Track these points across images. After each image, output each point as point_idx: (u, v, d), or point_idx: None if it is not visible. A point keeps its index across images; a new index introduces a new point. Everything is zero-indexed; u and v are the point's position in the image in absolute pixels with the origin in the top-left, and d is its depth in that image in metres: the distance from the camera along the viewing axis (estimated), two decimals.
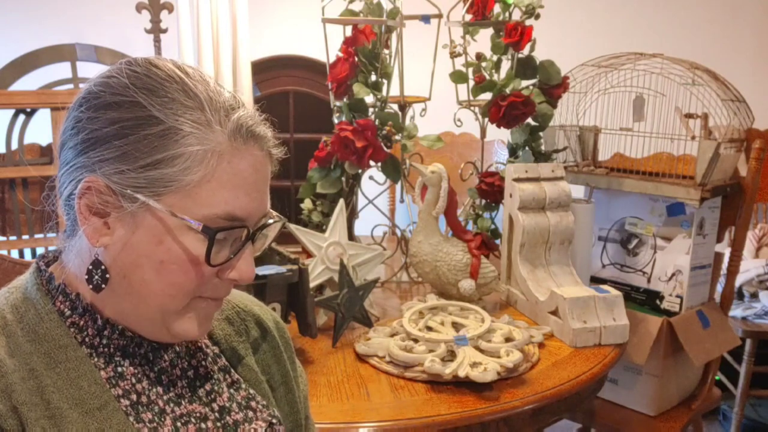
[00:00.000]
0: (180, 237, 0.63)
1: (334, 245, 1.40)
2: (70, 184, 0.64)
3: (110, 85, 0.63)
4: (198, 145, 0.62)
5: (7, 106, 2.34)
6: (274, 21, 2.74)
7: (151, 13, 2.24)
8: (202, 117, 0.63)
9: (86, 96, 0.64)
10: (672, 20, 2.81)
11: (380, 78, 1.60)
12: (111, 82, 0.63)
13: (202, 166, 0.62)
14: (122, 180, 0.62)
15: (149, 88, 0.62)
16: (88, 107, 0.63)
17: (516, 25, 1.59)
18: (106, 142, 0.62)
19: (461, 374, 1.10)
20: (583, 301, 1.32)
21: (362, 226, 1.77)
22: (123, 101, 0.62)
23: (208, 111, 0.63)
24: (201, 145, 0.62)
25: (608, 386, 1.63)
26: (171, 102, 0.62)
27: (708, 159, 1.48)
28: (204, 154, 0.62)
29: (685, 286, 1.58)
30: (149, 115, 0.61)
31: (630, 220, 1.66)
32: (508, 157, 1.72)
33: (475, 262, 1.46)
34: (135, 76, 0.63)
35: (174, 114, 0.62)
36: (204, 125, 0.63)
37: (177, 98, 0.63)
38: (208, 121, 0.63)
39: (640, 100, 1.59)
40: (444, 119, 1.83)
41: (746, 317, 2.18)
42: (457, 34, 1.72)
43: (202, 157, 0.62)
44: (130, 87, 0.62)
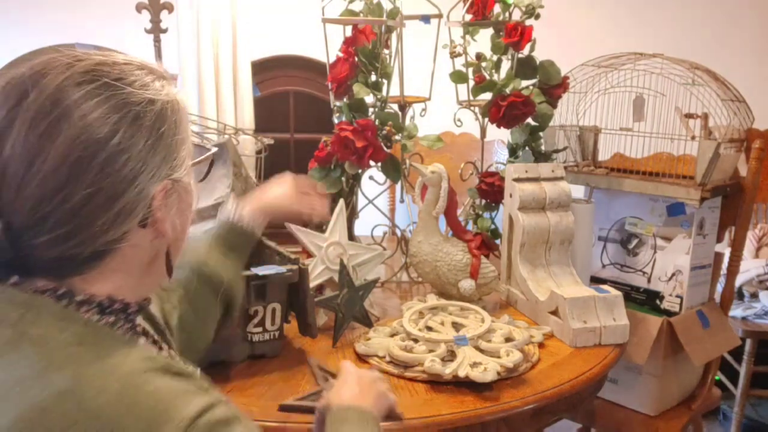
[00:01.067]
0: (191, 188, 0.72)
1: (334, 245, 1.40)
2: (140, 201, 0.66)
3: (128, 99, 0.65)
4: (179, 112, 0.70)
5: None
6: (274, 21, 2.74)
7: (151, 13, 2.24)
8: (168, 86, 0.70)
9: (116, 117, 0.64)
10: (672, 20, 2.81)
11: (380, 78, 1.60)
12: (124, 94, 0.65)
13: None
14: (171, 171, 0.68)
15: (130, 82, 0.66)
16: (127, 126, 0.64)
17: (516, 25, 1.59)
18: (155, 150, 0.66)
19: (461, 374, 1.10)
20: (583, 301, 1.32)
21: (362, 226, 1.77)
22: (143, 109, 0.65)
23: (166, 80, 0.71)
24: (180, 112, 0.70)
25: (608, 386, 1.63)
26: (146, 84, 0.67)
27: (708, 159, 1.48)
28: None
29: (685, 286, 1.58)
30: (151, 99, 0.66)
31: (630, 220, 1.66)
32: (508, 157, 1.73)
33: (475, 262, 1.46)
34: (116, 81, 0.65)
35: (158, 91, 0.68)
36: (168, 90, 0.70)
37: (143, 79, 0.67)
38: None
39: (640, 100, 1.59)
40: (444, 119, 1.83)
41: (746, 317, 2.18)
42: (457, 34, 1.72)
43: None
44: (136, 91, 0.66)
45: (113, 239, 0.64)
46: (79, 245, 0.63)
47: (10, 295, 0.64)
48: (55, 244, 0.62)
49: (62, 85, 0.62)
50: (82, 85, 0.63)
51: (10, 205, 0.61)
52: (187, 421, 0.58)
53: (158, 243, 0.69)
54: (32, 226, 0.62)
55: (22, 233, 0.62)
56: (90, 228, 0.63)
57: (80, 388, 0.58)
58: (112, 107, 0.63)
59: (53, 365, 0.59)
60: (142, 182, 0.65)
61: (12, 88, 0.63)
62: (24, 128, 0.61)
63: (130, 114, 0.64)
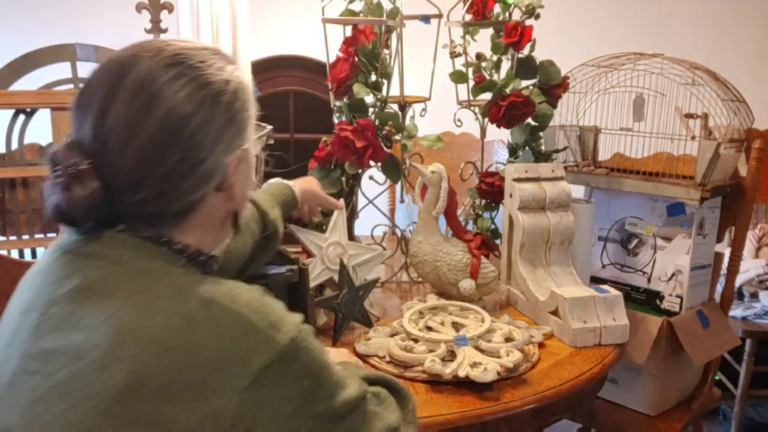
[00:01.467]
0: (253, 159, 0.84)
1: (334, 245, 1.40)
2: (217, 167, 0.76)
3: (210, 78, 0.75)
4: (247, 93, 0.81)
5: (7, 106, 2.34)
6: (274, 21, 2.74)
7: (151, 13, 2.24)
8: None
9: (206, 94, 0.75)
10: (672, 20, 2.81)
11: (380, 78, 1.60)
12: (207, 75, 0.75)
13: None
14: (242, 143, 0.79)
15: (209, 65, 0.76)
16: (210, 105, 0.75)
17: (516, 25, 1.59)
18: (232, 124, 0.77)
19: (461, 374, 1.10)
20: (583, 301, 1.32)
21: (362, 226, 1.77)
22: (221, 89, 0.76)
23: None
24: (247, 93, 0.81)
25: (608, 386, 1.63)
26: (222, 68, 0.78)
27: (708, 159, 1.48)
28: None
29: (685, 286, 1.58)
30: (227, 80, 0.77)
31: (630, 220, 1.66)
32: (508, 157, 1.72)
33: (475, 262, 1.46)
34: (199, 65, 0.75)
35: (231, 73, 0.78)
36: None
37: (218, 63, 0.78)
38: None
39: (640, 100, 1.59)
40: (444, 119, 1.83)
41: (746, 317, 2.18)
42: (457, 34, 1.72)
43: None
44: (215, 73, 0.76)
45: (194, 200, 0.76)
46: (167, 204, 0.74)
47: (121, 239, 0.73)
48: (147, 202, 0.73)
49: (155, 67, 0.73)
50: (172, 67, 0.73)
51: (113, 167, 0.71)
52: (299, 325, 0.72)
53: (229, 205, 0.81)
54: (130, 187, 0.72)
55: (121, 193, 0.72)
56: (177, 189, 0.74)
57: (218, 299, 0.70)
58: (197, 87, 0.74)
59: (186, 287, 0.71)
60: (220, 152, 0.76)
61: (113, 68, 0.73)
62: (124, 102, 0.71)
63: (211, 93, 0.75)
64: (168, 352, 0.66)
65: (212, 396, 0.65)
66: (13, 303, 0.77)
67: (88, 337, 0.67)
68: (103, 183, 0.71)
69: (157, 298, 0.69)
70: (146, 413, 0.64)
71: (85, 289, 0.71)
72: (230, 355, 0.67)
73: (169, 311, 0.68)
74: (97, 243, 0.73)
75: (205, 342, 0.67)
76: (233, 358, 0.67)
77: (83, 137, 0.72)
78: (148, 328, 0.67)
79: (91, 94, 0.73)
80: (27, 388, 0.68)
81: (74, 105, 0.74)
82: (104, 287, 0.70)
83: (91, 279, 0.71)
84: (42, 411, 0.66)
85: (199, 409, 0.65)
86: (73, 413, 0.65)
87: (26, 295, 0.75)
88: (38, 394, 0.67)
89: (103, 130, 0.71)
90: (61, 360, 0.67)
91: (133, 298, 0.69)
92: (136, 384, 0.64)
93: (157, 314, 0.68)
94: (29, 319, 0.72)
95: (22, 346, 0.71)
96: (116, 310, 0.68)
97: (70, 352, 0.67)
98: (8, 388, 0.70)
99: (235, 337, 0.68)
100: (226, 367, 0.66)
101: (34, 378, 0.68)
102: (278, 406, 0.69)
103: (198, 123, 0.73)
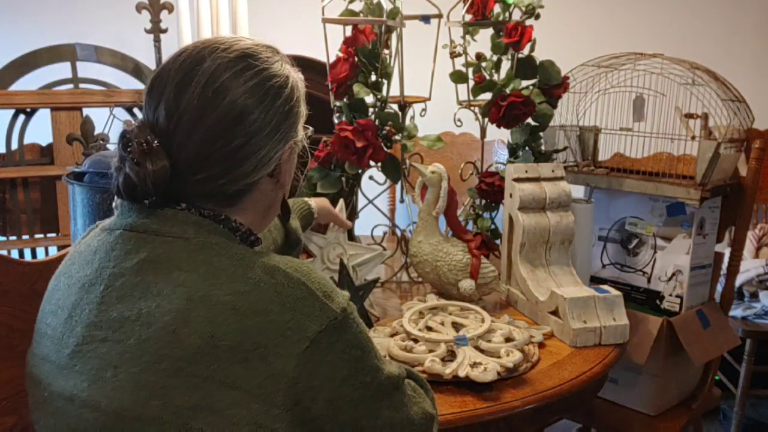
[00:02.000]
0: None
1: (334, 245, 1.40)
2: (274, 155, 0.83)
3: (272, 72, 0.83)
4: (300, 90, 0.89)
5: (7, 106, 2.34)
6: (274, 21, 2.74)
7: (151, 13, 2.24)
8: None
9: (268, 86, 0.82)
10: (672, 20, 2.81)
11: (380, 78, 1.60)
12: (273, 69, 0.83)
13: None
14: (294, 135, 0.86)
15: (273, 62, 0.84)
16: (272, 98, 0.82)
17: (516, 25, 1.59)
18: (288, 117, 0.84)
19: (461, 374, 1.10)
20: (583, 301, 1.32)
21: (362, 226, 1.77)
22: (281, 85, 0.83)
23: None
24: (301, 90, 0.89)
25: (608, 386, 1.63)
26: (282, 66, 0.85)
27: (708, 159, 1.48)
28: None
29: (685, 286, 1.58)
30: (286, 75, 0.85)
31: (630, 220, 1.66)
32: (508, 157, 1.72)
33: (475, 262, 1.46)
34: (263, 63, 0.82)
35: (289, 71, 0.86)
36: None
37: (278, 61, 0.85)
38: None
39: (640, 100, 1.59)
40: (444, 119, 1.83)
41: (746, 317, 2.18)
42: (457, 34, 1.72)
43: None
44: (276, 70, 0.84)
45: (251, 182, 0.82)
46: (227, 183, 0.80)
47: (183, 217, 0.78)
48: (208, 181, 0.79)
49: (226, 59, 0.80)
50: (240, 61, 0.80)
51: (182, 145, 0.78)
52: (346, 297, 0.78)
53: (278, 191, 0.88)
54: (195, 165, 0.78)
55: (186, 170, 0.78)
56: (237, 170, 0.80)
57: (280, 267, 0.75)
58: (261, 81, 0.81)
59: (248, 258, 0.76)
60: (277, 141, 0.82)
61: (189, 57, 0.80)
62: (198, 88, 0.78)
63: (273, 89, 0.82)
64: (237, 315, 0.70)
65: (275, 358, 0.70)
66: (64, 281, 0.81)
67: (158, 305, 0.72)
68: (171, 161, 0.78)
69: (223, 268, 0.74)
70: (218, 372, 0.68)
71: (152, 262, 0.75)
72: (291, 319, 0.71)
73: (236, 278, 0.73)
74: (161, 220, 0.78)
75: (270, 306, 0.71)
76: (294, 322, 0.71)
77: (156, 118, 0.79)
78: (217, 295, 0.71)
79: (166, 80, 0.79)
80: (94, 355, 0.72)
81: (147, 90, 0.81)
82: (171, 260, 0.75)
83: (158, 253, 0.75)
84: (112, 375, 0.70)
85: (265, 369, 0.69)
86: (146, 375, 0.69)
87: (85, 271, 0.78)
88: (107, 360, 0.71)
89: (176, 112, 0.78)
90: (132, 327, 0.71)
91: (199, 269, 0.74)
92: (208, 345, 0.69)
93: (224, 282, 0.73)
94: (94, 292, 0.76)
95: (88, 318, 0.75)
96: (184, 280, 0.73)
97: (141, 319, 0.71)
98: (72, 357, 0.74)
99: (296, 303, 0.72)
100: (287, 331, 0.71)
101: (103, 345, 0.72)
102: (330, 372, 0.73)
103: (259, 113, 0.80)
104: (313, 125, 0.95)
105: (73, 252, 0.85)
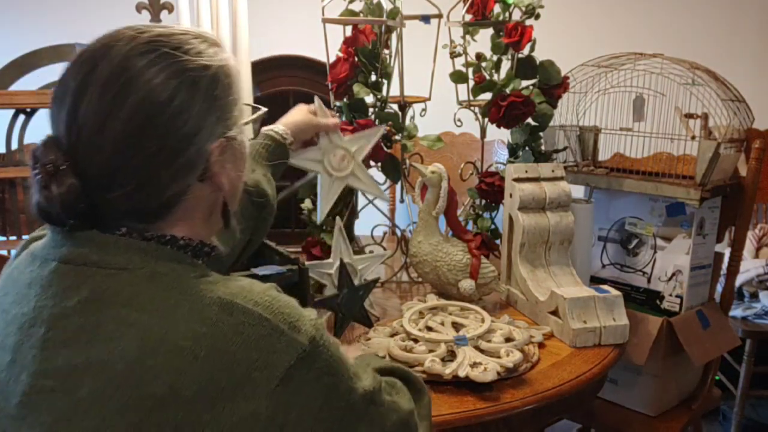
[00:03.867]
0: (244, 145, 0.81)
1: (332, 151, 1.35)
2: (198, 157, 0.73)
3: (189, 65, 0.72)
4: (231, 76, 0.77)
5: (7, 106, 2.34)
6: (274, 21, 2.74)
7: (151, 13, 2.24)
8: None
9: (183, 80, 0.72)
10: (672, 20, 2.81)
11: (380, 78, 1.60)
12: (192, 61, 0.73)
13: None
14: (225, 130, 0.76)
15: (186, 50, 0.73)
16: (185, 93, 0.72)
17: (516, 25, 1.59)
18: (211, 111, 0.74)
19: (461, 374, 1.10)
20: (583, 301, 1.32)
21: (362, 226, 1.77)
22: (198, 74, 0.73)
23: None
24: (232, 76, 0.78)
25: (608, 386, 1.63)
26: (201, 51, 0.74)
27: (708, 159, 1.48)
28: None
29: (685, 286, 1.58)
30: (204, 65, 0.74)
31: (630, 220, 1.66)
32: (508, 157, 1.72)
33: (475, 262, 1.46)
34: (174, 50, 0.72)
35: (212, 57, 0.75)
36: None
37: (198, 46, 0.75)
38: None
39: (640, 100, 1.59)
40: (444, 119, 1.83)
41: (746, 317, 2.18)
42: (457, 34, 1.72)
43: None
44: (194, 60, 0.73)
45: (177, 192, 0.73)
46: (148, 197, 0.71)
47: (126, 243, 0.71)
48: (127, 197, 0.70)
49: (128, 54, 0.70)
50: (145, 55, 0.70)
51: (88, 162, 0.69)
52: (313, 320, 0.73)
53: (216, 195, 0.78)
54: (107, 182, 0.69)
55: (99, 188, 0.69)
56: (156, 182, 0.71)
57: (239, 302, 0.69)
58: (172, 73, 0.71)
59: (202, 290, 0.69)
60: (200, 140, 0.73)
61: (85, 59, 0.71)
62: (96, 93, 0.68)
63: (188, 79, 0.71)
64: (198, 362, 0.65)
65: (245, 400, 0.66)
66: (0, 316, 0.73)
67: (109, 351, 0.65)
68: (80, 179, 0.68)
69: (176, 304, 0.68)
70: (185, 422, 0.64)
71: (95, 300, 0.68)
72: (257, 359, 0.67)
73: (192, 318, 0.67)
74: (101, 249, 0.70)
75: (232, 348, 0.66)
76: (260, 362, 0.67)
77: (59, 134, 0.70)
78: (174, 339, 0.66)
79: (65, 88, 0.70)
80: (45, 407, 0.66)
81: (50, 102, 0.72)
82: (117, 297, 0.68)
83: (102, 289, 0.68)
84: (66, 429, 0.65)
85: (237, 412, 0.65)
86: (105, 429, 0.64)
87: (22, 308, 0.70)
88: (59, 414, 0.65)
89: (75, 124, 0.69)
90: (82, 376, 0.65)
91: (150, 306, 0.67)
92: (170, 396, 0.64)
93: (180, 322, 0.67)
94: (35, 335, 0.68)
95: (32, 365, 0.67)
96: (135, 320, 0.66)
97: (92, 367, 0.65)
98: (22, 408, 0.67)
99: (259, 342, 0.67)
100: (254, 372, 0.66)
101: (52, 397, 0.66)
102: (305, 404, 0.69)
103: (173, 111, 0.70)
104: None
105: (5, 278, 0.76)
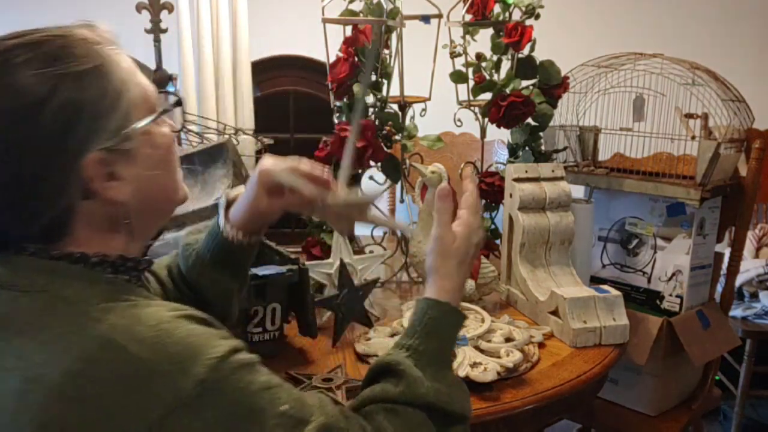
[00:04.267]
0: (161, 129, 0.75)
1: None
2: (65, 179, 0.67)
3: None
4: (108, 75, 0.71)
5: None
6: (274, 21, 2.74)
7: (151, 13, 2.24)
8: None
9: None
10: (672, 20, 2.81)
11: (380, 78, 1.60)
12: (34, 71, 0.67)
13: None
14: (100, 142, 0.68)
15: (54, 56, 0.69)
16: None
17: (516, 25, 1.59)
18: (70, 129, 0.66)
19: (461, 374, 1.10)
20: (583, 301, 1.31)
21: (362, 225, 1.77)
22: (46, 95, 0.66)
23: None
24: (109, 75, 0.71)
25: (608, 386, 1.63)
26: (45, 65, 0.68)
27: (708, 159, 1.48)
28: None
29: (685, 286, 1.58)
30: (82, 72, 0.69)
31: (630, 220, 1.66)
32: (508, 157, 1.72)
33: (475, 262, 1.46)
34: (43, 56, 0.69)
35: (76, 62, 0.70)
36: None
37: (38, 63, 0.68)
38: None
39: (640, 100, 1.59)
40: (444, 119, 1.83)
41: (746, 317, 2.18)
42: (457, 34, 1.72)
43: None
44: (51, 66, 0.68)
45: (59, 213, 0.68)
46: (25, 222, 0.67)
47: (33, 264, 0.68)
48: (8, 219, 0.67)
49: None
50: None
51: None
52: (215, 360, 0.63)
53: (115, 209, 0.71)
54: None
55: None
56: (22, 208, 0.67)
57: (119, 339, 0.62)
58: (8, 99, 0.65)
59: (91, 321, 0.64)
60: (62, 161, 0.66)
61: None
62: None
63: (29, 102, 0.65)
64: (68, 403, 0.61)
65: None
66: None
67: (2, 381, 0.63)
68: None
69: (61, 337, 0.64)
70: None
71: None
72: (126, 405, 0.61)
73: (71, 353, 0.62)
74: (10, 270, 0.68)
75: (102, 391, 0.61)
76: (131, 407, 0.61)
77: None
78: (49, 375, 0.61)
79: None
80: None
81: None
82: (13, 322, 0.65)
83: (3, 313, 0.66)
84: None
85: None
86: None
87: None
88: None
89: None
90: None
91: (39, 335, 0.64)
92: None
93: (58, 356, 0.62)
94: None
95: None
96: (23, 350, 0.63)
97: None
98: None
99: (133, 385, 0.61)
100: (124, 417, 0.60)
101: None
102: None
103: (14, 141, 0.65)
104: (313, 125, 0.87)
105: None
